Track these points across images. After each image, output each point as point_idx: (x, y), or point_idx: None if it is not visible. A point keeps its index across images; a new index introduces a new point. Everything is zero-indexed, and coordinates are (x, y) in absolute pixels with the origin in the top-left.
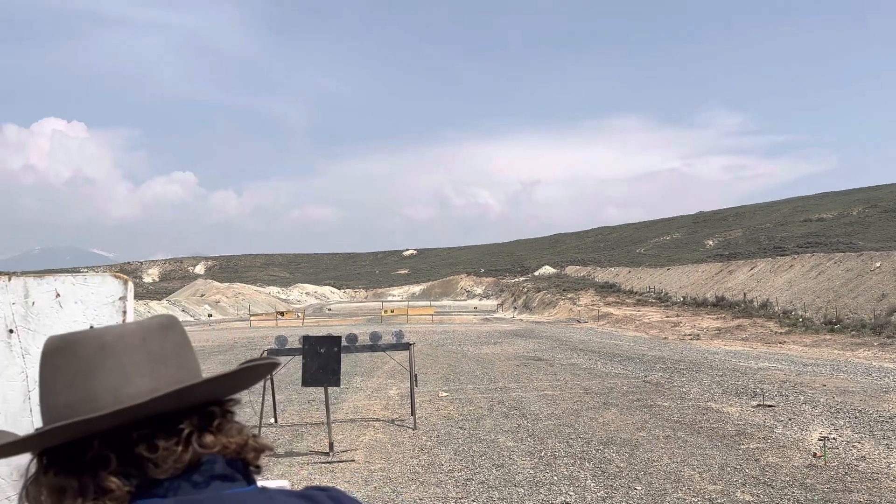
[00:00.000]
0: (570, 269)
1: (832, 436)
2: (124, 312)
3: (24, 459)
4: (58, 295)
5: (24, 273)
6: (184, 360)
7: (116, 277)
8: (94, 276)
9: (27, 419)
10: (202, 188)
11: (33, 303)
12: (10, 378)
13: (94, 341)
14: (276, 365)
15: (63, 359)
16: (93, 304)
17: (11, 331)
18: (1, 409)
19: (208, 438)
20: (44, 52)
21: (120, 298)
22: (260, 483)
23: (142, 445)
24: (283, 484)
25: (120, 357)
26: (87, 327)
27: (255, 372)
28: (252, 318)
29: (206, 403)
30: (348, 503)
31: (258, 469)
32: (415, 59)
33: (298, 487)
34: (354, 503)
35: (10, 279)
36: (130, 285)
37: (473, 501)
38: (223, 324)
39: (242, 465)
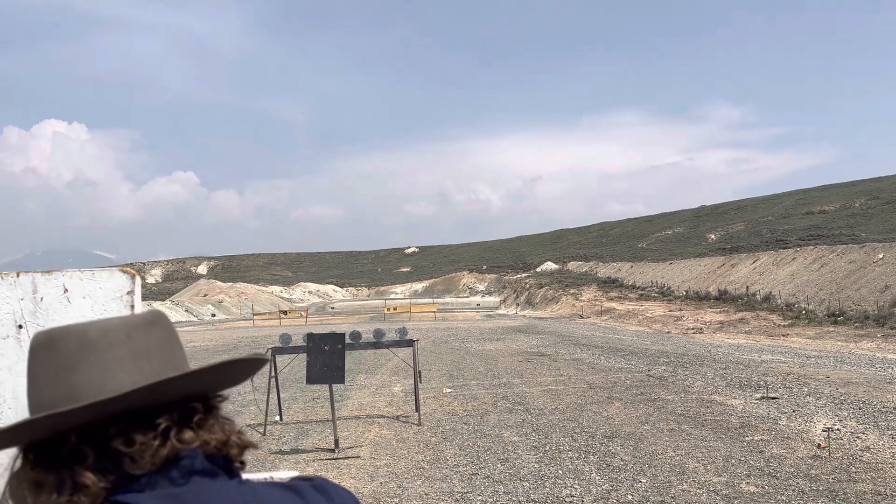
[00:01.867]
0: (573, 265)
1: (836, 427)
2: (132, 307)
3: (15, 452)
4: (66, 290)
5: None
6: (169, 356)
7: (124, 272)
8: (101, 271)
9: None
10: (204, 188)
11: (42, 298)
12: (20, 373)
13: (77, 337)
14: (262, 361)
15: (47, 354)
16: (101, 299)
17: (21, 326)
18: (11, 405)
19: (187, 434)
20: (44, 53)
21: (128, 293)
22: (255, 475)
23: (118, 440)
24: (291, 475)
25: (103, 352)
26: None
27: (239, 368)
28: (255, 317)
29: (189, 399)
30: (333, 492)
31: (242, 465)
32: (415, 57)
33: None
34: (340, 492)
35: (18, 275)
36: (138, 280)
37: (479, 496)
38: (227, 323)
39: (224, 460)
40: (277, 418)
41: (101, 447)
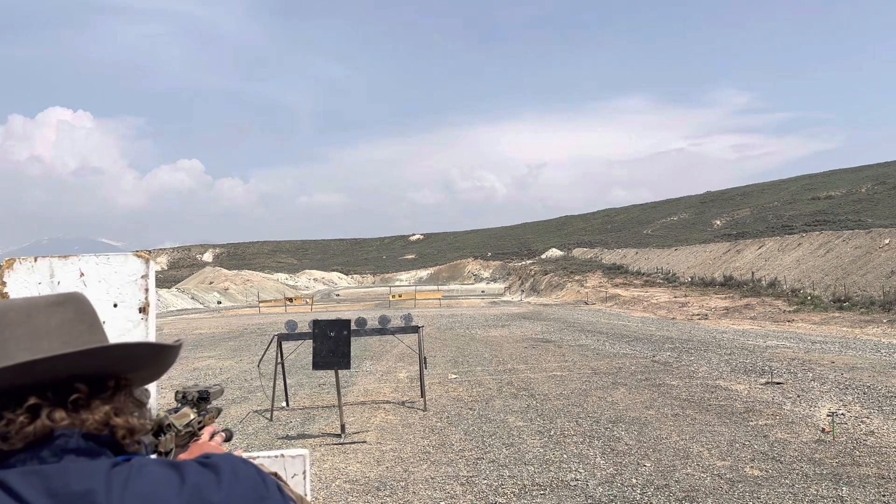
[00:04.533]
0: (578, 252)
1: (841, 411)
2: (146, 290)
3: None
4: (82, 274)
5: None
6: (73, 337)
7: (138, 256)
8: (116, 255)
9: None
10: (208, 176)
11: (59, 282)
12: None
13: None
14: (164, 347)
15: None
16: (116, 283)
17: None
18: None
19: (59, 413)
20: (48, 41)
21: (142, 277)
22: (266, 453)
23: None
24: (303, 453)
25: (1, 332)
26: (112, 306)
27: (135, 352)
28: (261, 304)
29: (76, 379)
30: (226, 468)
31: (137, 445)
32: (420, 44)
33: (312, 465)
34: (239, 468)
35: (35, 260)
36: (152, 264)
37: (484, 480)
38: (233, 311)
39: (112, 441)
40: (284, 404)
41: None
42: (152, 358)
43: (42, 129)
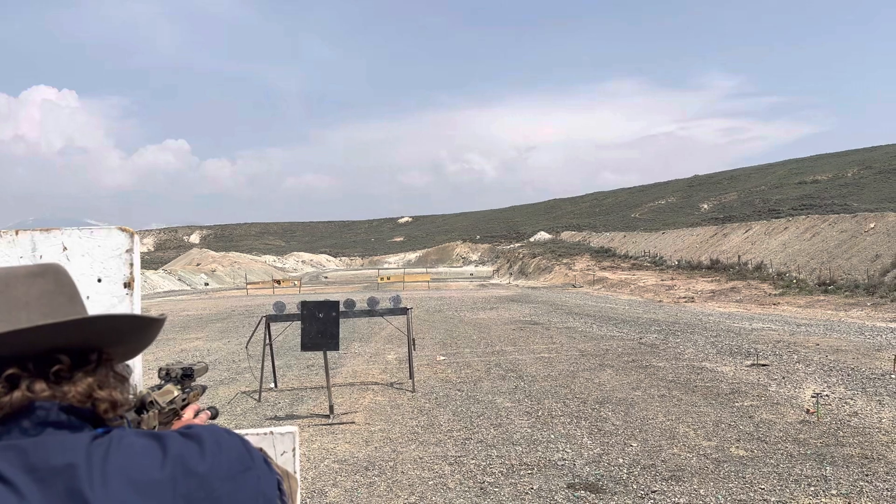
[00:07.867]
0: (566, 235)
1: (825, 393)
2: (131, 265)
3: None
4: (65, 248)
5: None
6: (52, 308)
7: (123, 231)
8: (99, 229)
9: None
10: (195, 156)
11: (41, 256)
12: None
13: None
14: (148, 320)
15: None
16: (99, 258)
17: None
18: None
19: (39, 385)
20: (33, 17)
21: (126, 251)
22: (255, 430)
23: None
24: (292, 430)
25: None
26: (96, 280)
27: (117, 324)
28: (249, 286)
29: (58, 350)
30: (209, 439)
31: (119, 420)
32: (410, 25)
33: (301, 445)
34: (221, 438)
35: (17, 233)
36: (136, 238)
37: (472, 460)
38: (220, 293)
39: (93, 414)
40: (272, 385)
41: None
42: (135, 331)
43: (26, 107)
